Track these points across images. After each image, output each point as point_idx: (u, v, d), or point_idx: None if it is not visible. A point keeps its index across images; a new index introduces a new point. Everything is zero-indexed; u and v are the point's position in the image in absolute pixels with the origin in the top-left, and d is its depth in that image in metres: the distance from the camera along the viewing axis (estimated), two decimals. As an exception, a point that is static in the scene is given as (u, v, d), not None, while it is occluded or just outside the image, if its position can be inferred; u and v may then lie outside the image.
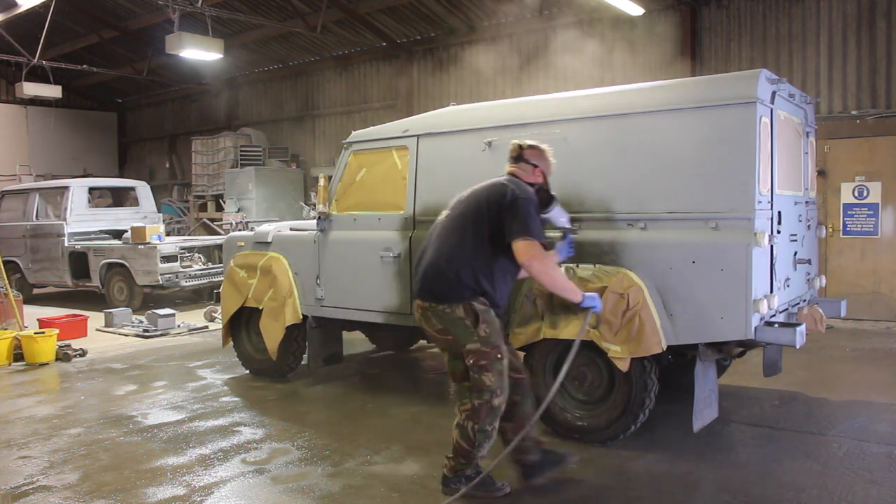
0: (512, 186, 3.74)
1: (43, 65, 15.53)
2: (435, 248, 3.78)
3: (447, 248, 3.73)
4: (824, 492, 3.92)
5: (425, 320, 3.78)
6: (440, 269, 3.70)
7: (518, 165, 3.98)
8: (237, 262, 6.50)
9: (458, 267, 3.67)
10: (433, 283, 3.72)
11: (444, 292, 3.69)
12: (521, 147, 3.99)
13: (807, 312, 4.93)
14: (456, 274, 3.67)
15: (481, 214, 3.72)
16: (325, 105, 16.11)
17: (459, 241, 3.73)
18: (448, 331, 3.69)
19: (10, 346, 7.59)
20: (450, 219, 3.84)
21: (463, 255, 3.70)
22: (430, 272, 3.75)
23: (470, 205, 3.79)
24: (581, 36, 11.80)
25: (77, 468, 4.50)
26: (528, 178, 3.96)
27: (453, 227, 3.79)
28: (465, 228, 3.73)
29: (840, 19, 9.57)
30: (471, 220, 3.74)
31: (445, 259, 3.71)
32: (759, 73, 4.32)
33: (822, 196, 9.15)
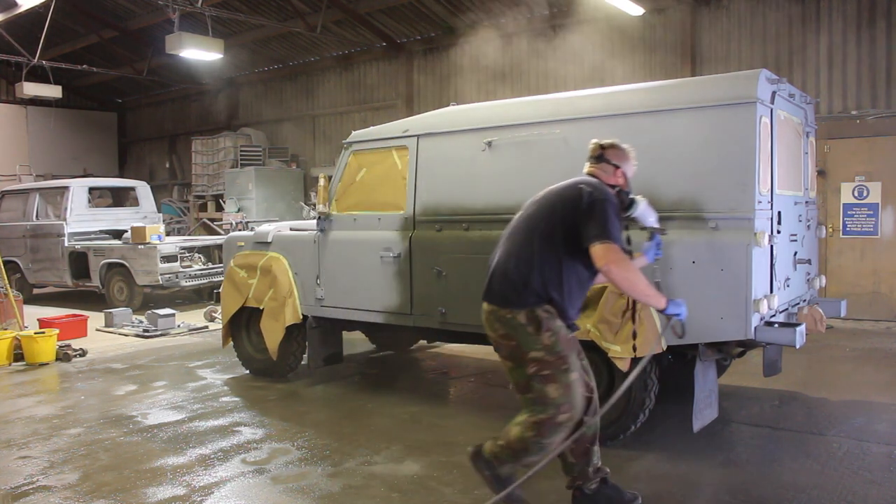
0: (589, 188, 3.44)
1: (43, 65, 15.53)
2: (504, 250, 3.54)
3: (516, 250, 3.49)
4: (824, 492, 3.92)
5: (489, 325, 3.52)
6: (507, 273, 3.46)
7: (598, 166, 3.68)
8: (237, 262, 6.50)
9: (526, 271, 3.42)
10: (499, 286, 3.48)
11: (508, 296, 3.43)
12: (602, 147, 3.69)
13: (807, 312, 4.93)
14: (523, 278, 3.42)
15: (554, 217, 3.45)
16: (325, 105, 16.11)
17: (528, 244, 3.47)
18: (511, 336, 3.42)
19: (10, 346, 7.59)
20: (521, 220, 3.59)
21: (531, 259, 3.43)
22: (496, 274, 3.51)
23: (543, 206, 3.53)
24: (581, 36, 11.80)
25: (77, 468, 4.50)
26: (608, 179, 3.65)
27: (524, 228, 3.53)
28: (535, 231, 3.48)
29: (840, 19, 9.57)
30: (542, 223, 3.48)
31: (514, 262, 3.47)
32: (759, 73, 4.32)
33: (822, 196, 9.15)
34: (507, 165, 5.08)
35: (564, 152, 4.85)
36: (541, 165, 4.93)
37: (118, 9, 15.68)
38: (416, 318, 5.49)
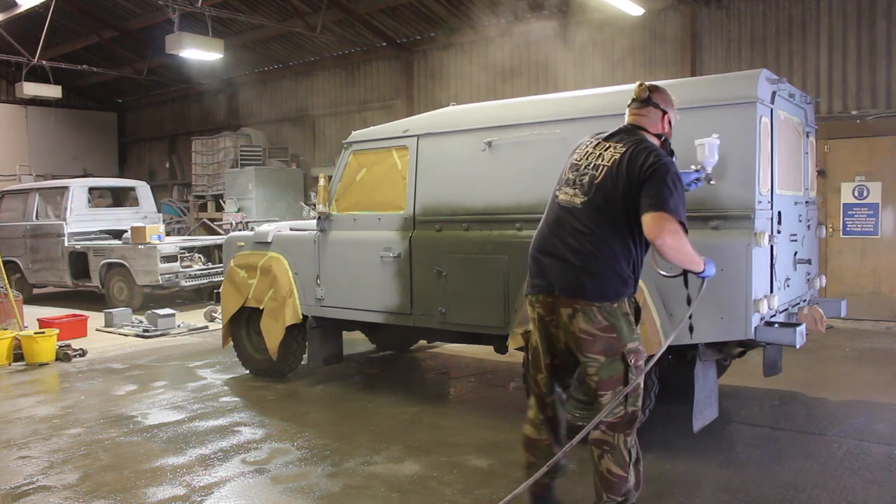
0: (650, 150, 3.22)
1: (43, 65, 15.52)
2: (581, 236, 3.23)
3: (605, 234, 3.21)
4: (824, 492, 3.92)
5: (585, 318, 3.19)
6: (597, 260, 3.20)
7: (644, 111, 3.41)
8: (237, 262, 6.50)
9: (616, 255, 3.21)
10: (588, 277, 3.19)
11: (605, 292, 3.19)
12: (651, 89, 3.42)
13: (807, 312, 4.92)
14: (614, 265, 3.21)
15: (633, 194, 3.17)
16: (326, 105, 16.11)
17: (612, 226, 3.21)
18: (614, 327, 3.18)
19: (10, 346, 7.59)
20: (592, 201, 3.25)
21: (621, 243, 3.22)
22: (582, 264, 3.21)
23: (612, 181, 3.22)
24: (581, 36, 11.80)
25: (77, 468, 4.50)
26: (654, 127, 3.40)
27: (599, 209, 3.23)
28: (615, 212, 3.21)
29: (840, 19, 9.57)
30: (622, 201, 3.19)
31: (602, 250, 3.21)
32: (759, 73, 4.32)
33: (822, 196, 9.15)
34: (507, 165, 5.08)
35: (564, 152, 4.83)
36: (541, 165, 4.93)
37: (118, 9, 15.68)
38: (416, 318, 5.49)
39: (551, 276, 3.28)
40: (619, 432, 3.20)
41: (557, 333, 3.33)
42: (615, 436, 3.20)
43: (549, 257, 3.31)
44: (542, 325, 3.38)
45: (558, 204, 3.38)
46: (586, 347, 3.21)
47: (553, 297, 3.28)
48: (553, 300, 3.28)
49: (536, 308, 3.37)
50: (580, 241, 3.23)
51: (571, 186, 3.36)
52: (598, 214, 3.23)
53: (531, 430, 3.53)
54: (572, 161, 3.46)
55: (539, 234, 3.43)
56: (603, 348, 3.19)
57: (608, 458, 3.21)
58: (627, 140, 3.33)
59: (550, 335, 3.37)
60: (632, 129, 3.41)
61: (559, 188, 3.43)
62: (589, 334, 3.19)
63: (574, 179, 3.36)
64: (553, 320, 3.31)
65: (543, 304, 3.33)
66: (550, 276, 3.29)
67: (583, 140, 3.55)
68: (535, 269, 3.38)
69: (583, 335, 3.20)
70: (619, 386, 3.20)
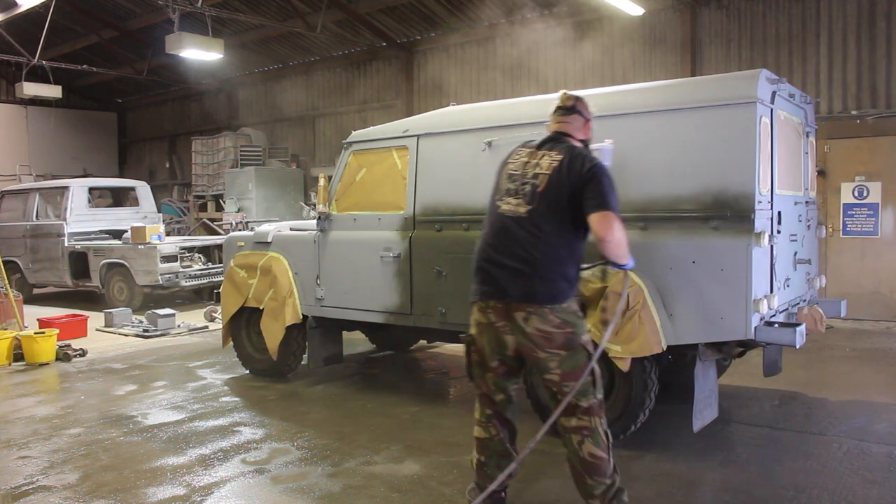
0: (585, 155, 3.44)
1: (43, 65, 15.53)
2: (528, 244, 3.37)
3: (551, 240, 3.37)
4: (824, 492, 3.92)
5: (539, 319, 3.33)
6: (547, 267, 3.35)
7: (570, 118, 3.60)
8: (237, 262, 6.50)
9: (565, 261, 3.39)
10: (540, 283, 3.34)
11: (555, 294, 3.35)
12: (576, 98, 3.64)
13: (807, 312, 4.93)
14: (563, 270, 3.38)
15: (574, 198, 3.35)
16: (325, 105, 16.11)
17: (558, 232, 3.38)
18: (569, 323, 3.36)
19: (10, 346, 7.59)
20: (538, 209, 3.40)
21: (567, 247, 3.41)
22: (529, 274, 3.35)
23: (555, 189, 3.38)
24: (581, 36, 11.81)
25: (77, 468, 4.50)
26: (578, 133, 3.61)
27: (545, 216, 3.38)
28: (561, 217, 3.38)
29: (840, 19, 9.57)
30: (566, 208, 3.37)
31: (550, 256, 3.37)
32: (759, 73, 4.32)
33: (822, 196, 9.15)
34: (507, 165, 5.07)
35: (564, 152, 4.84)
36: (541, 165, 4.93)
37: (118, 9, 15.68)
38: (416, 318, 5.49)
39: (503, 284, 3.40)
40: (594, 416, 3.37)
41: (507, 339, 3.46)
42: (592, 419, 3.36)
43: (498, 266, 3.43)
44: (492, 330, 3.49)
45: (502, 214, 3.50)
46: (545, 345, 3.35)
47: (505, 302, 3.40)
48: (505, 305, 3.40)
49: (488, 314, 3.48)
50: (528, 249, 3.37)
51: (514, 196, 3.49)
52: (544, 222, 3.38)
53: (480, 430, 3.66)
54: (508, 171, 3.59)
55: (485, 244, 3.54)
56: (562, 343, 3.35)
57: (589, 443, 3.36)
58: (559, 147, 3.51)
59: (501, 341, 3.48)
60: (559, 136, 3.59)
61: (500, 198, 3.55)
62: (546, 333, 3.34)
63: (515, 189, 3.50)
64: (505, 326, 3.44)
65: (495, 309, 3.44)
66: (502, 284, 3.40)
67: (514, 150, 3.69)
68: (484, 277, 3.49)
69: (540, 334, 3.35)
70: (583, 376, 3.35)
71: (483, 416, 3.65)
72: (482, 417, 3.65)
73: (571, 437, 3.39)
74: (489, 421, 3.62)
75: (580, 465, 3.38)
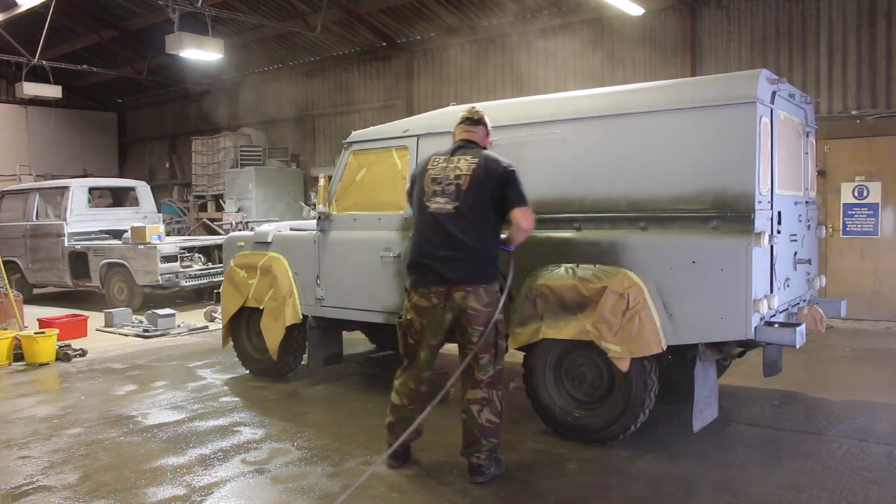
0: (497, 158, 4.11)
1: (43, 65, 15.53)
2: (460, 235, 3.99)
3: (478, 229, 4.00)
4: (824, 492, 3.92)
5: (468, 300, 3.98)
6: (475, 253, 4.00)
7: (477, 128, 4.29)
8: (237, 262, 6.50)
9: (490, 245, 4.06)
10: (473, 267, 4.00)
11: (484, 274, 4.03)
12: (482, 112, 4.31)
13: (807, 312, 4.93)
14: (490, 254, 4.05)
15: (494, 194, 4.01)
16: (325, 105, 16.11)
17: (483, 222, 4.02)
18: (492, 303, 4.03)
19: (10, 346, 7.59)
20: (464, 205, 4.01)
21: (491, 234, 4.05)
22: (463, 259, 3.99)
23: (478, 186, 4.01)
24: (581, 36, 11.81)
25: (77, 468, 4.50)
26: (482, 142, 4.30)
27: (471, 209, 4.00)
28: (485, 209, 4.02)
29: (840, 19, 9.57)
30: (488, 201, 4.01)
31: (480, 242, 4.02)
32: (759, 73, 4.32)
33: (822, 196, 9.15)
34: (507, 165, 5.07)
35: (564, 152, 4.85)
36: (541, 165, 4.94)
37: (118, 9, 15.68)
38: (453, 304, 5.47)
39: (443, 272, 4.00)
40: (494, 388, 4.07)
41: (447, 317, 4.05)
42: (491, 392, 4.07)
43: (437, 259, 4.02)
44: (433, 312, 4.05)
45: (432, 213, 4.08)
46: (474, 321, 4.00)
47: (446, 287, 4.00)
48: (446, 289, 4.01)
49: (430, 298, 4.05)
50: (461, 239, 3.99)
51: (441, 196, 4.07)
52: (471, 215, 4.01)
53: (397, 398, 4.25)
54: (431, 176, 4.15)
55: (420, 241, 4.12)
56: (484, 320, 4.01)
57: (487, 411, 4.05)
58: (472, 152, 4.17)
59: (441, 319, 4.06)
60: (468, 143, 4.24)
61: (427, 200, 4.11)
62: (476, 310, 4.00)
63: (441, 190, 4.08)
64: (445, 306, 4.03)
65: (437, 293, 4.04)
66: (442, 272, 4.00)
67: (429, 158, 4.26)
68: (423, 270, 4.08)
69: (473, 311, 4.00)
70: (492, 350, 4.06)
71: (406, 388, 4.22)
72: (404, 389, 4.22)
73: (472, 408, 4.06)
74: (410, 393, 4.20)
75: (477, 429, 4.05)
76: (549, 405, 4.80)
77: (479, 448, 4.06)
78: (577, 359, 4.74)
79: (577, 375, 4.75)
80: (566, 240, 4.77)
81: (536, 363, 4.82)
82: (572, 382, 4.78)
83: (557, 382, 4.82)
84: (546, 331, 4.64)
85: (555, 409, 4.77)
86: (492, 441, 4.09)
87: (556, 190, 4.87)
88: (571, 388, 4.79)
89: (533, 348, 4.81)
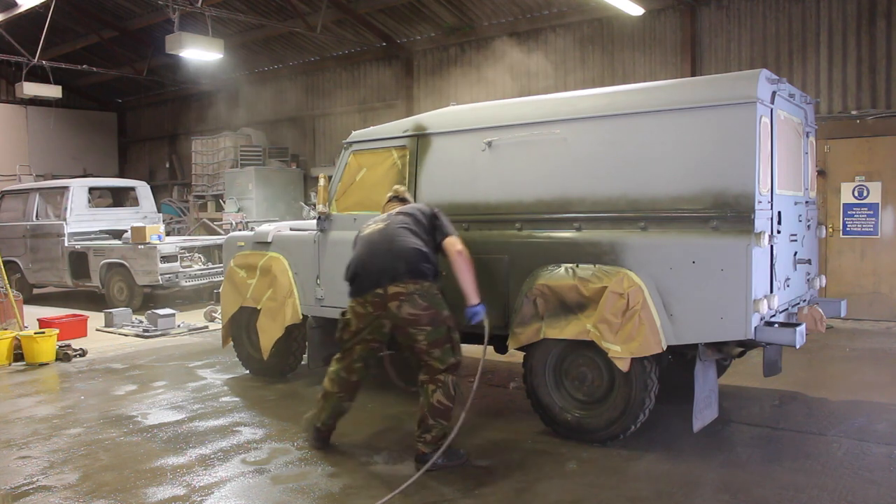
0: (422, 207, 4.75)
1: (43, 65, 15.51)
2: (398, 241, 4.45)
3: (407, 244, 4.43)
4: (824, 492, 3.92)
5: (409, 303, 4.30)
6: (413, 256, 4.38)
7: (404, 202, 4.89)
8: (237, 262, 6.50)
9: (422, 251, 4.43)
10: (414, 266, 4.36)
11: (425, 272, 4.39)
12: (403, 189, 5.03)
13: (807, 312, 4.93)
14: (427, 259, 4.42)
15: (421, 221, 4.58)
16: (325, 105, 16.10)
17: (413, 234, 4.50)
18: (432, 304, 4.35)
19: (10, 346, 7.59)
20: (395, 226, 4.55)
21: (419, 243, 4.46)
22: (403, 260, 4.37)
23: (406, 219, 4.59)
24: (581, 36, 11.81)
25: (77, 468, 4.50)
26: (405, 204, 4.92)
27: (405, 228, 4.52)
28: (414, 226, 4.54)
29: (840, 19, 9.57)
30: (416, 225, 4.55)
31: (414, 246, 4.42)
32: (759, 73, 4.32)
33: (822, 196, 9.16)
34: (507, 165, 5.08)
35: (564, 152, 4.85)
36: (541, 165, 4.94)
37: (118, 9, 15.68)
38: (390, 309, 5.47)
39: (377, 276, 4.37)
40: (449, 374, 4.35)
41: (385, 323, 4.42)
42: (446, 377, 4.33)
43: (372, 268, 4.42)
44: (371, 319, 4.43)
45: (366, 237, 4.59)
46: (414, 324, 4.32)
47: (383, 290, 4.33)
48: (381, 298, 4.35)
49: (367, 307, 4.42)
50: (392, 246, 4.43)
51: (374, 224, 4.65)
52: (401, 227, 4.51)
53: (329, 384, 4.62)
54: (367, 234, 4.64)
55: (359, 258, 4.53)
56: (428, 321, 4.32)
57: (439, 393, 4.31)
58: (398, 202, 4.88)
59: (379, 325, 4.43)
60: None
61: (365, 230, 4.65)
62: (415, 315, 4.31)
63: (374, 223, 4.66)
64: (382, 314, 4.38)
65: (373, 303, 4.39)
66: (377, 276, 4.38)
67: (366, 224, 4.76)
68: (362, 278, 4.46)
69: (410, 317, 4.32)
70: (446, 343, 4.36)
71: (337, 376, 4.60)
72: (335, 377, 4.60)
73: (428, 388, 4.34)
74: (340, 381, 4.59)
75: (429, 409, 4.32)
76: (549, 405, 4.80)
77: (428, 428, 4.30)
78: (577, 359, 4.74)
79: (578, 375, 4.75)
80: (566, 240, 4.77)
81: (536, 363, 4.82)
82: (572, 382, 4.78)
83: (557, 382, 4.82)
84: (547, 331, 4.65)
85: (555, 409, 4.77)
86: (441, 422, 4.30)
87: (556, 190, 4.87)
88: (571, 388, 4.79)
89: (533, 348, 4.81)
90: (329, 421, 4.67)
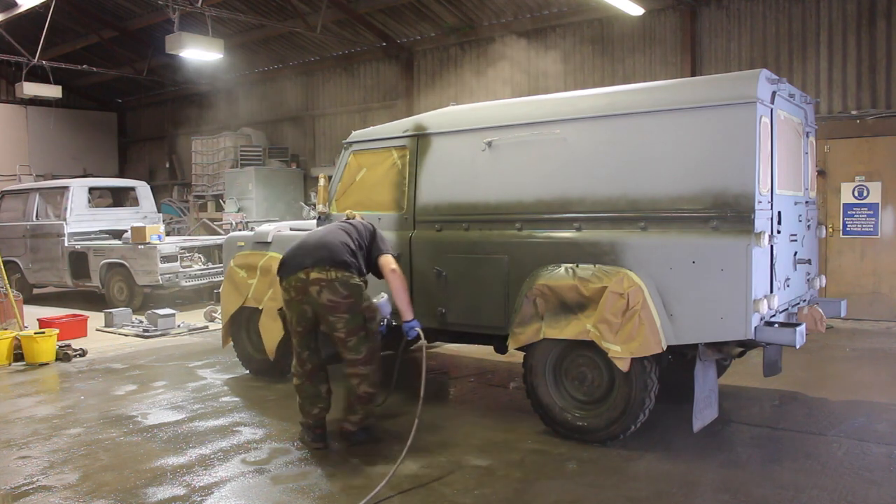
0: (365, 223, 5.07)
1: (43, 65, 15.52)
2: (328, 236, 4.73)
3: (342, 236, 4.73)
4: (824, 492, 3.92)
5: (330, 290, 4.49)
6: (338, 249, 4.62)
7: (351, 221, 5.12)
8: (237, 262, 6.50)
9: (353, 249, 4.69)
10: (338, 255, 4.57)
11: (348, 263, 4.60)
12: (354, 213, 5.35)
13: (807, 312, 4.93)
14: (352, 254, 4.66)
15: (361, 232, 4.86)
16: (325, 105, 16.11)
17: (347, 237, 4.75)
18: (352, 294, 4.54)
19: (10, 346, 7.59)
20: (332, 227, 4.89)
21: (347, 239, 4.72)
22: (328, 250, 4.60)
23: (345, 226, 4.90)
24: (581, 36, 11.81)
25: (77, 468, 4.50)
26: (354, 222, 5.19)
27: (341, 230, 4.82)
28: (353, 235, 4.80)
29: (840, 19, 9.57)
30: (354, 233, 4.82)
31: (342, 241, 4.68)
32: (759, 73, 4.32)
33: (822, 196, 9.16)
34: (507, 165, 5.08)
35: (564, 152, 4.85)
36: (541, 165, 4.94)
37: (118, 9, 15.68)
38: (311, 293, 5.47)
39: (301, 260, 4.58)
40: (370, 364, 4.62)
41: (307, 308, 4.59)
42: (367, 368, 4.62)
43: (298, 253, 4.67)
44: (294, 304, 4.62)
45: (305, 235, 4.84)
46: (332, 311, 4.52)
47: (306, 274, 4.52)
48: (304, 282, 4.53)
49: (290, 291, 4.61)
50: (322, 240, 4.70)
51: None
52: (337, 229, 4.80)
53: (296, 379, 4.81)
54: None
55: (291, 248, 4.77)
56: (346, 309, 4.52)
57: (365, 384, 4.63)
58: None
59: (302, 311, 4.61)
60: None
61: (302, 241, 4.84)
62: (333, 302, 4.51)
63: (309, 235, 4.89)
64: (303, 298, 4.56)
65: (296, 287, 4.56)
66: (300, 260, 4.59)
67: None
68: (288, 262, 4.67)
69: (329, 304, 4.51)
70: (361, 332, 4.57)
71: (294, 368, 4.81)
72: (293, 369, 4.82)
73: (352, 380, 4.63)
74: (303, 370, 4.76)
75: (356, 399, 4.67)
76: (549, 405, 4.80)
77: (354, 412, 4.70)
78: (577, 359, 4.74)
79: (577, 375, 4.75)
80: (566, 240, 4.77)
81: (536, 363, 4.82)
82: (572, 382, 4.78)
83: (557, 382, 4.82)
84: (547, 331, 4.65)
85: (555, 409, 4.77)
86: (367, 407, 4.71)
87: (556, 190, 4.87)
88: (571, 388, 4.79)
89: (533, 348, 4.81)
90: (313, 411, 4.77)
